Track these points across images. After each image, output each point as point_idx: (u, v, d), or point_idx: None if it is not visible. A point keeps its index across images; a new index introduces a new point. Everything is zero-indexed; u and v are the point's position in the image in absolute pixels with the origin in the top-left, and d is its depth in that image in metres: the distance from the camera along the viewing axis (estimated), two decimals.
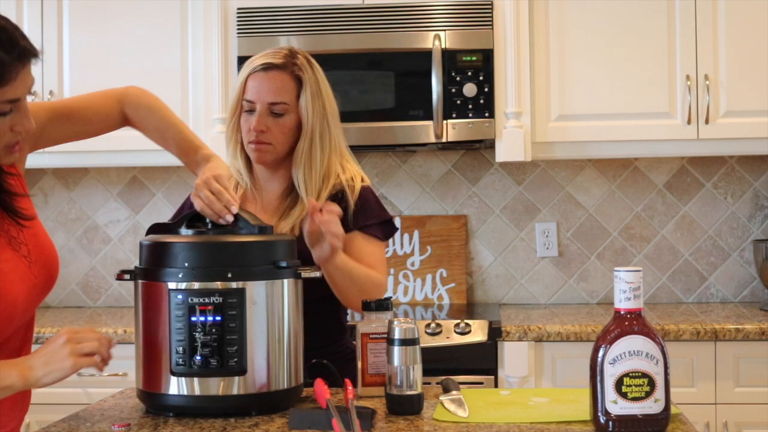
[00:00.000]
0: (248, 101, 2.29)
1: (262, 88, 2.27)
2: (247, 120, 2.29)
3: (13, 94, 1.65)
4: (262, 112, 2.27)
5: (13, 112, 1.68)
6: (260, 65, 2.29)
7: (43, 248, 1.89)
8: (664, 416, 1.64)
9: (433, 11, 3.39)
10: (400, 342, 1.82)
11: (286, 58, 2.30)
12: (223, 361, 1.80)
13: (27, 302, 1.81)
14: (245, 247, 1.85)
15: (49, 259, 1.90)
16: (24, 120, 1.70)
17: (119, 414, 1.87)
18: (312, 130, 2.28)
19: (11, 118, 1.68)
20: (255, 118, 2.27)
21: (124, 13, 3.54)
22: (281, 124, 2.28)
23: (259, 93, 2.27)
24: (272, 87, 2.27)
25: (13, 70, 1.63)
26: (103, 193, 3.90)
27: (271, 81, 2.27)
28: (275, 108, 2.27)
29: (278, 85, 2.27)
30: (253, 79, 2.28)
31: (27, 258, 1.83)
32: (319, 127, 2.29)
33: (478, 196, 3.83)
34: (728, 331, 3.12)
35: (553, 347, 3.17)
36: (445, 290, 3.78)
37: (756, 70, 3.39)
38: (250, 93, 2.28)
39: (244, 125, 2.30)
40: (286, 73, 2.28)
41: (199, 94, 3.49)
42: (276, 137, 2.28)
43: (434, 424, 1.75)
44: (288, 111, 2.28)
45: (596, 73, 3.44)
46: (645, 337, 1.62)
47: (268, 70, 2.28)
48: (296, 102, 2.28)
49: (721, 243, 3.77)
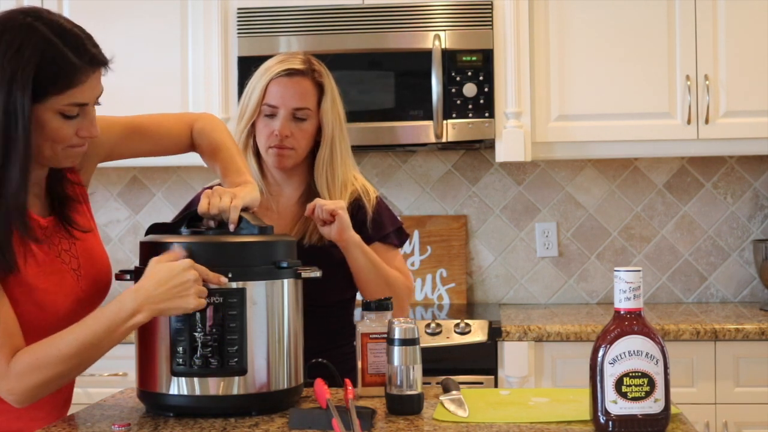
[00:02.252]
0: (270, 106, 2.29)
1: (287, 93, 2.28)
2: (268, 125, 2.29)
3: (81, 98, 1.69)
4: (286, 116, 2.28)
5: (80, 117, 1.72)
6: (283, 71, 2.29)
7: (94, 262, 1.89)
8: (664, 416, 1.64)
9: (433, 11, 3.39)
10: (400, 342, 1.82)
11: (305, 64, 2.32)
12: (223, 361, 1.80)
13: (71, 314, 1.80)
14: (245, 247, 1.85)
15: (100, 273, 1.90)
16: (90, 126, 1.74)
17: (119, 414, 1.87)
18: (332, 137, 2.31)
19: (77, 122, 1.72)
20: (279, 122, 2.27)
21: (124, 13, 3.54)
22: (303, 129, 2.29)
23: (283, 98, 2.28)
24: (296, 92, 2.28)
25: (82, 74, 1.68)
26: (103, 193, 3.90)
27: (295, 86, 2.29)
28: (299, 113, 2.29)
29: (302, 90, 2.29)
30: (275, 84, 2.29)
31: (76, 272, 1.84)
32: (338, 133, 2.33)
33: (478, 196, 3.83)
34: (728, 331, 3.12)
35: (553, 347, 3.17)
36: (445, 290, 3.78)
37: (756, 70, 3.40)
38: (272, 98, 2.29)
39: (265, 130, 2.30)
40: (308, 79, 2.30)
41: (199, 94, 3.49)
42: (298, 142, 2.29)
43: (434, 424, 1.75)
44: (310, 116, 2.30)
45: (596, 73, 3.44)
46: (645, 337, 1.62)
47: (291, 75, 2.29)
48: (317, 108, 2.31)
49: (721, 243, 3.77)
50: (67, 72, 1.66)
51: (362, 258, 2.22)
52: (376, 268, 2.24)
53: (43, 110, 1.67)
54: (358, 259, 2.22)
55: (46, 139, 1.70)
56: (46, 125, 1.68)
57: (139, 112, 3.86)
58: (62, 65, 1.65)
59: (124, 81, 3.56)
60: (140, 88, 3.50)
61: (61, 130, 1.70)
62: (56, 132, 1.70)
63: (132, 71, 3.52)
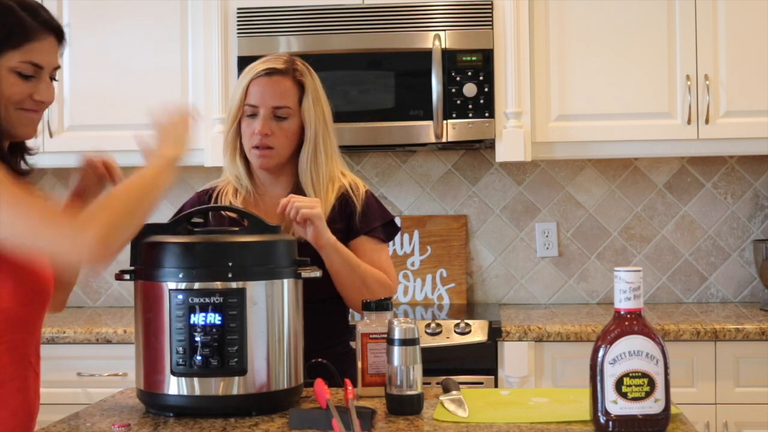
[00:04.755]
0: (251, 106, 2.30)
1: (266, 92, 2.29)
2: (250, 125, 2.30)
3: (36, 58, 1.75)
4: (266, 115, 2.29)
5: (36, 80, 1.76)
6: (262, 70, 2.31)
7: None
8: (664, 416, 1.64)
9: (433, 11, 3.39)
10: (400, 342, 1.82)
11: (287, 64, 2.33)
12: (223, 361, 1.80)
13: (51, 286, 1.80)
14: (245, 247, 1.85)
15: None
16: (45, 91, 1.78)
17: (119, 414, 1.87)
18: (315, 135, 2.31)
19: (33, 85, 1.76)
20: (259, 121, 2.28)
21: (124, 13, 3.54)
22: (284, 128, 2.30)
23: (263, 97, 2.29)
24: (276, 91, 2.29)
25: (37, 33, 1.75)
26: None
27: (274, 85, 2.30)
28: (279, 112, 2.29)
29: (282, 89, 2.30)
30: (255, 84, 2.30)
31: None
32: (322, 131, 2.32)
33: (478, 196, 3.83)
34: (728, 331, 3.12)
35: (553, 347, 3.17)
36: (445, 290, 3.78)
37: (756, 70, 3.39)
38: (252, 98, 2.30)
39: (247, 130, 2.31)
40: (288, 78, 2.31)
41: (199, 94, 3.49)
42: (279, 141, 2.29)
43: (434, 424, 1.75)
44: (291, 115, 2.30)
45: (596, 73, 3.44)
46: (645, 337, 1.62)
47: (271, 75, 2.30)
48: (298, 107, 2.31)
49: (721, 243, 3.77)
50: (21, 29, 1.74)
51: (338, 260, 2.21)
52: (352, 269, 2.24)
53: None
54: (333, 261, 2.21)
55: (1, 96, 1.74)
56: (2, 81, 1.73)
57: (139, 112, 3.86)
58: (17, 23, 1.74)
59: (124, 81, 3.59)
60: (140, 88, 3.51)
61: (15, 86, 1.74)
62: (10, 88, 1.74)
63: (132, 71, 3.52)
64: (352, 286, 2.25)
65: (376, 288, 2.25)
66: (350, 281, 2.24)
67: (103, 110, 3.53)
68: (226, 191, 2.37)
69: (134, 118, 3.56)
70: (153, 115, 1.92)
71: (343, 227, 2.33)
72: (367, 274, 2.27)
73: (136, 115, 3.57)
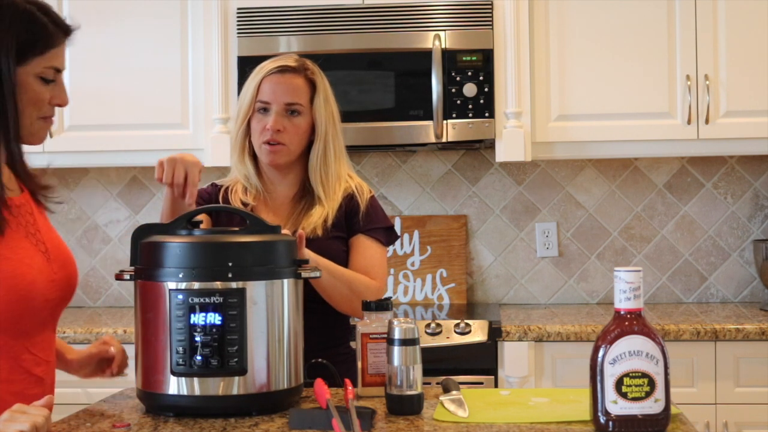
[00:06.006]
0: (263, 102, 2.33)
1: (279, 88, 2.32)
2: (261, 120, 2.33)
3: (58, 62, 1.80)
4: (278, 111, 2.32)
5: (54, 84, 1.80)
6: (275, 68, 2.34)
7: (61, 250, 1.89)
8: (664, 416, 1.64)
9: (433, 11, 3.39)
10: (400, 342, 1.82)
11: (298, 63, 2.37)
12: (223, 361, 1.80)
13: (46, 294, 1.80)
14: (245, 247, 1.85)
15: (67, 261, 1.90)
16: (62, 94, 1.82)
17: (119, 414, 1.87)
18: (325, 134, 2.34)
19: (52, 89, 1.80)
20: (271, 117, 2.31)
21: (124, 13, 3.54)
22: (296, 124, 2.32)
23: (275, 93, 2.32)
24: (288, 88, 2.32)
25: (57, 38, 1.79)
26: (103, 193, 3.90)
27: (287, 82, 2.33)
28: (291, 108, 2.32)
29: (294, 86, 2.33)
30: (268, 81, 2.33)
31: (45, 254, 1.83)
32: (332, 131, 2.36)
33: (478, 196, 3.83)
34: (728, 331, 3.12)
35: (553, 347, 3.17)
36: (445, 290, 3.78)
37: (756, 70, 3.39)
38: (265, 94, 2.33)
39: (258, 125, 2.33)
40: (300, 76, 2.35)
41: (199, 94, 3.49)
42: (290, 138, 2.32)
43: (434, 424, 1.75)
44: (302, 112, 2.34)
45: (596, 73, 3.44)
46: (645, 337, 1.62)
47: (284, 72, 2.34)
48: (309, 105, 2.34)
49: (721, 243, 3.77)
50: (45, 35, 1.77)
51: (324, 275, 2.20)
52: (335, 278, 2.24)
53: (26, 74, 1.76)
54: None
55: (28, 103, 1.77)
56: (29, 88, 1.76)
57: (140, 112, 3.86)
58: (41, 29, 1.76)
59: (124, 81, 3.59)
60: (140, 88, 3.51)
61: (41, 93, 1.78)
62: (38, 95, 1.77)
63: (132, 71, 3.52)
64: (340, 295, 2.26)
65: (363, 291, 2.26)
66: (336, 289, 2.25)
67: (103, 110, 3.53)
68: (236, 189, 2.39)
69: (134, 118, 3.59)
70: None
71: (346, 225, 2.35)
72: (353, 280, 2.28)
73: (136, 115, 3.61)
